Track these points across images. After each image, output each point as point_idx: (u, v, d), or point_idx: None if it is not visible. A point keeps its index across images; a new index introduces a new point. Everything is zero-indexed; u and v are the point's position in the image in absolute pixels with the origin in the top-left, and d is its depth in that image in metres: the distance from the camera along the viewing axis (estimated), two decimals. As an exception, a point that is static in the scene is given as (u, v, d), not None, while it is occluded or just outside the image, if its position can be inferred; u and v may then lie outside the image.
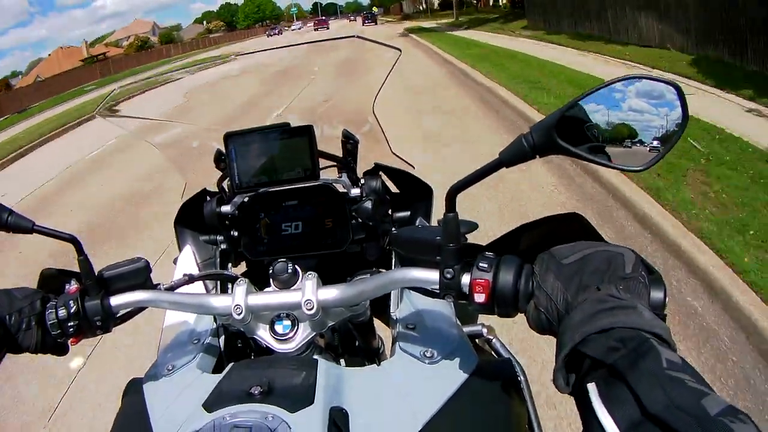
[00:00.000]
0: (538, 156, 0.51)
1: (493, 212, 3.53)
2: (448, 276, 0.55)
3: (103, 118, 1.10)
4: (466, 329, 0.81)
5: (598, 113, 0.52)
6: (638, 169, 0.51)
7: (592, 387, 0.40)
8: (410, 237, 0.62)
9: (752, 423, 0.34)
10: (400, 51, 0.99)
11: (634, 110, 0.52)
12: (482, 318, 0.92)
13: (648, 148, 0.52)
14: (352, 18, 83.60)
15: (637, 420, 0.36)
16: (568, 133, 0.50)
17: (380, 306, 0.83)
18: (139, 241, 4.01)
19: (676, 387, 0.36)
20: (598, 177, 3.78)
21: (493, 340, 0.88)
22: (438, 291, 0.57)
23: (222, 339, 0.80)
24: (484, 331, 0.88)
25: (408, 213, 0.99)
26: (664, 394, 0.36)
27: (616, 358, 0.39)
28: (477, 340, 0.87)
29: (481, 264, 0.54)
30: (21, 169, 8.76)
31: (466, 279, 0.54)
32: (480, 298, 0.53)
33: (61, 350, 0.67)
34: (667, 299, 0.50)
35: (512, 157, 0.51)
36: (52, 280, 0.69)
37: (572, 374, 0.44)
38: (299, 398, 0.53)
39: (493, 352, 0.87)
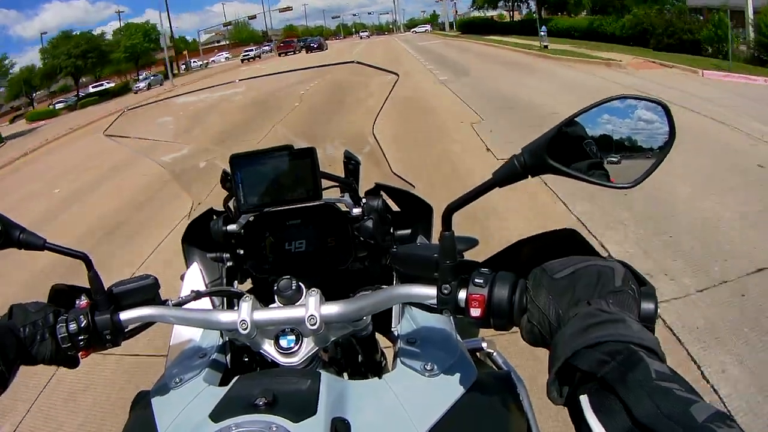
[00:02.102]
0: (530, 176, 0.53)
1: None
2: (446, 291, 0.57)
3: (111, 138, 1.12)
4: (467, 343, 0.82)
5: (588, 133, 0.54)
6: (627, 186, 0.53)
7: (584, 399, 0.42)
8: (409, 254, 0.64)
9: (738, 427, 0.36)
10: (398, 75, 1.02)
11: (623, 128, 0.54)
12: (483, 332, 0.94)
13: (637, 165, 0.54)
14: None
15: (628, 429, 0.38)
16: (559, 153, 0.51)
17: (382, 321, 0.85)
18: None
19: (665, 396, 0.38)
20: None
21: (494, 354, 0.89)
22: (436, 306, 0.59)
23: (228, 354, 0.82)
24: (485, 345, 0.89)
25: (409, 231, 1.01)
26: (653, 403, 0.37)
27: (606, 371, 0.41)
28: (477, 354, 0.88)
29: (476, 279, 0.56)
30: None
31: (462, 294, 0.56)
32: (476, 312, 0.55)
33: (73, 363, 0.68)
34: (658, 310, 0.51)
35: (505, 177, 0.53)
36: (61, 296, 0.71)
37: (565, 386, 0.45)
38: (302, 409, 0.55)
39: (493, 366, 0.88)
